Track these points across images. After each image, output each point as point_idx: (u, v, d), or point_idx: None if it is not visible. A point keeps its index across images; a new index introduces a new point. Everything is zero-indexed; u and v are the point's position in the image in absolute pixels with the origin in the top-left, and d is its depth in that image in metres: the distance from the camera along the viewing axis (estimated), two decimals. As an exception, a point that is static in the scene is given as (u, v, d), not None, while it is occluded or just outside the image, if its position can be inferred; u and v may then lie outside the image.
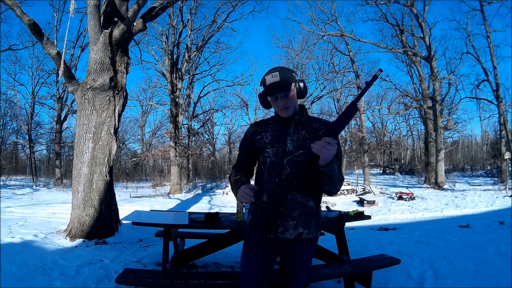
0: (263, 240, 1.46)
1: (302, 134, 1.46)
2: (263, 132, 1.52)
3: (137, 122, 31.34)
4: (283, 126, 1.48)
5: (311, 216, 1.46)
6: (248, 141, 1.56)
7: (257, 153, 1.52)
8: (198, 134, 22.83)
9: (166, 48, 16.03)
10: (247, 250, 1.52)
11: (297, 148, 1.43)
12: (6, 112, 25.01)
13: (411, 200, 11.12)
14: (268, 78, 1.43)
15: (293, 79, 1.47)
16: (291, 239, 1.43)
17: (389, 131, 32.27)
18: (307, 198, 1.43)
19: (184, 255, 3.14)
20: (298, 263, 1.51)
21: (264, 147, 1.48)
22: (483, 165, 26.27)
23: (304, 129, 1.47)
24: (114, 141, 4.78)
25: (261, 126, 1.55)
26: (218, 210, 5.41)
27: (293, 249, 1.48)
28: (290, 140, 1.45)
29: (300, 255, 1.50)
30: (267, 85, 1.43)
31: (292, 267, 1.51)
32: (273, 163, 1.44)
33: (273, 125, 1.52)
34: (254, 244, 1.49)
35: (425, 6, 15.51)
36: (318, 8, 19.12)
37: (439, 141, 15.12)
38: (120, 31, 4.73)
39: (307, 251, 1.52)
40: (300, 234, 1.43)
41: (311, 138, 1.43)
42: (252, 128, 1.57)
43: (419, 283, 2.79)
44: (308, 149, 1.39)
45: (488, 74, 15.54)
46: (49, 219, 6.28)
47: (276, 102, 1.45)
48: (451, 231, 5.08)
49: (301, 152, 1.42)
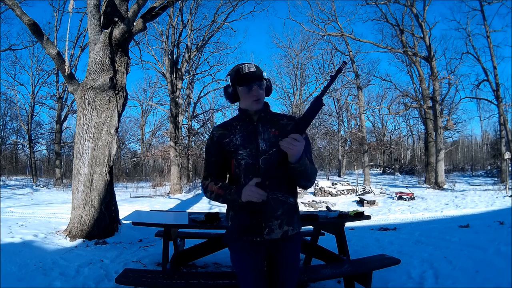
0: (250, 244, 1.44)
1: (272, 132, 1.45)
2: (231, 135, 1.47)
3: (137, 122, 31.39)
4: (251, 125, 1.46)
5: (293, 212, 1.46)
6: (216, 145, 1.49)
7: (228, 156, 1.47)
8: (198, 134, 22.83)
9: (166, 48, 16.03)
10: (239, 254, 1.49)
11: (270, 146, 1.42)
12: (6, 112, 25.03)
13: (411, 200, 11.12)
14: (243, 67, 1.42)
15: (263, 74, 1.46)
16: (278, 239, 1.43)
17: (389, 131, 32.30)
18: (286, 195, 1.43)
19: (184, 255, 3.14)
20: (288, 261, 1.50)
21: (235, 149, 1.44)
22: (483, 165, 26.27)
23: (273, 127, 1.46)
24: (114, 141, 4.78)
25: (226, 129, 1.49)
26: (218, 210, 5.40)
27: (281, 248, 1.47)
28: (262, 139, 1.43)
29: (288, 253, 1.49)
30: (244, 73, 1.41)
31: (283, 266, 1.49)
32: (249, 165, 1.41)
33: (240, 126, 1.48)
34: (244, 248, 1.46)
35: (425, 6, 15.52)
36: (318, 8, 19.13)
37: (439, 141, 15.12)
38: (120, 31, 4.73)
39: (295, 247, 1.52)
40: (286, 232, 1.43)
41: (281, 135, 1.41)
42: (218, 131, 1.50)
43: (419, 283, 2.79)
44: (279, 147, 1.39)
45: (488, 74, 15.55)
46: (49, 219, 6.28)
47: (250, 93, 1.42)
48: (451, 231, 5.08)
49: (274, 150, 1.41)
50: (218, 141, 1.49)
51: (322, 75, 23.05)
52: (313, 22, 18.99)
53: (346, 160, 30.61)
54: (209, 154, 1.52)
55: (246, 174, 1.41)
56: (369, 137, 27.64)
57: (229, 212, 1.50)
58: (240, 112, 1.51)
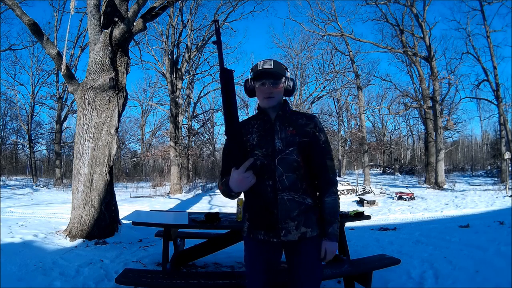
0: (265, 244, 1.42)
1: (289, 131, 1.42)
2: (248, 134, 1.45)
3: (137, 122, 31.40)
4: (268, 124, 1.45)
5: (311, 213, 1.42)
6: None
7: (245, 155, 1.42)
8: (198, 134, 22.84)
9: (166, 48, 16.03)
10: (250, 254, 1.48)
11: (286, 145, 1.39)
12: (6, 112, 25.02)
13: (411, 200, 11.12)
14: (261, 63, 1.42)
15: (285, 74, 1.45)
16: (295, 240, 1.39)
17: (389, 131, 32.31)
18: (304, 196, 1.40)
19: (184, 255, 3.14)
20: (307, 264, 1.44)
21: (251, 149, 1.41)
22: (483, 165, 26.27)
23: (290, 125, 1.43)
24: (114, 141, 4.78)
25: (244, 128, 1.47)
26: (218, 210, 5.41)
27: (300, 250, 1.43)
28: (278, 138, 1.41)
29: (307, 255, 1.43)
30: (258, 70, 1.41)
31: (301, 269, 1.44)
32: (264, 165, 1.39)
33: (258, 125, 1.47)
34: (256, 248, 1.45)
35: (425, 6, 15.52)
36: (318, 8, 19.12)
37: (439, 141, 15.12)
38: (120, 31, 4.73)
39: (314, 249, 1.44)
40: (304, 233, 1.39)
41: (299, 134, 1.41)
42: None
43: (419, 283, 2.79)
44: (297, 146, 1.38)
45: (488, 74, 15.54)
46: (49, 219, 6.28)
47: (261, 88, 1.42)
48: (451, 231, 5.08)
49: (292, 150, 1.39)
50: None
51: (322, 75, 23.04)
52: (313, 22, 19.01)
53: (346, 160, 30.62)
54: (224, 154, 1.48)
55: (261, 175, 1.38)
56: (369, 137, 27.66)
57: (245, 213, 1.48)
58: (258, 109, 1.51)
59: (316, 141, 1.43)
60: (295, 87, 1.50)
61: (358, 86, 19.36)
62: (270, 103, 1.44)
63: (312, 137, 1.43)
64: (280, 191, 1.37)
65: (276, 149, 1.40)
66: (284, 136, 1.41)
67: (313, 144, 1.42)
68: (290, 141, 1.40)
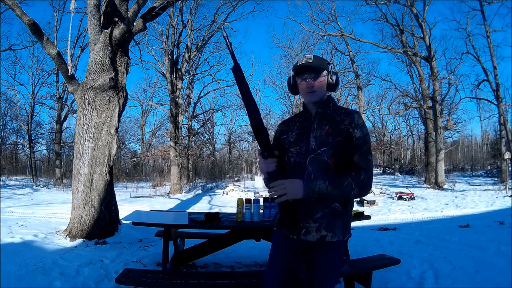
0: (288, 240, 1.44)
1: (325, 129, 1.38)
2: (289, 131, 1.48)
3: (137, 122, 31.38)
4: (308, 122, 1.44)
5: (336, 218, 1.35)
6: (276, 141, 1.52)
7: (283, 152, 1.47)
8: (198, 134, 22.83)
9: (166, 48, 16.03)
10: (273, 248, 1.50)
11: (319, 145, 1.36)
12: (6, 112, 25.03)
13: (411, 200, 11.12)
14: (301, 58, 1.42)
15: (327, 67, 1.42)
16: (314, 242, 1.37)
17: (389, 131, 32.30)
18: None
19: (184, 255, 3.14)
20: (321, 267, 1.40)
21: (288, 147, 1.44)
22: (483, 165, 26.25)
23: (328, 124, 1.39)
24: (114, 141, 4.78)
25: (288, 125, 1.50)
26: (218, 210, 5.41)
27: (318, 252, 1.40)
28: (313, 137, 1.39)
29: (324, 259, 1.39)
30: (298, 65, 1.40)
31: (317, 271, 1.41)
32: (296, 163, 1.39)
33: (299, 122, 1.47)
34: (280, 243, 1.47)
35: (425, 6, 15.51)
36: (318, 8, 19.13)
37: (439, 141, 15.12)
38: (120, 31, 4.73)
39: (333, 255, 1.39)
40: (323, 237, 1.35)
41: (334, 133, 1.36)
42: (280, 128, 1.53)
43: (419, 283, 2.79)
44: (330, 145, 1.34)
45: (488, 74, 15.53)
46: (49, 219, 6.28)
47: (302, 84, 1.41)
48: (451, 231, 5.08)
49: (323, 150, 1.34)
50: (279, 137, 1.50)
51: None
52: (313, 22, 19.01)
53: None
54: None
55: (292, 173, 1.39)
56: (369, 137, 27.60)
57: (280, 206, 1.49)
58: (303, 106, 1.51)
59: (349, 138, 1.34)
60: (339, 81, 1.47)
61: (358, 86, 19.36)
62: (312, 98, 1.41)
63: (345, 135, 1.35)
64: None
65: (310, 148, 1.37)
66: (318, 135, 1.38)
67: (346, 142, 1.34)
68: (323, 140, 1.36)
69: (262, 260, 3.47)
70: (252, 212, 2.81)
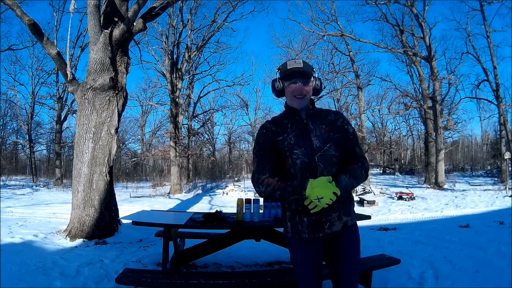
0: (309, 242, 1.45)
1: (323, 128, 1.47)
2: (284, 133, 1.47)
3: (137, 122, 31.37)
4: (301, 124, 1.47)
5: (349, 203, 1.49)
6: (270, 142, 1.48)
7: (282, 155, 1.46)
8: (198, 134, 22.82)
9: (166, 48, 16.03)
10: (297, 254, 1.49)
11: (324, 142, 1.44)
12: (6, 112, 25.06)
13: (411, 200, 11.11)
14: (290, 62, 1.45)
15: (312, 73, 1.48)
16: (339, 231, 1.43)
17: (389, 131, 32.28)
18: None
19: (184, 255, 3.14)
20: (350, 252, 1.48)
21: (290, 148, 1.44)
22: (483, 165, 26.24)
23: (322, 123, 1.48)
24: (114, 141, 4.78)
25: (279, 126, 1.50)
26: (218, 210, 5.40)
27: (342, 239, 1.46)
28: (314, 136, 1.45)
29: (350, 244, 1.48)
30: (288, 69, 1.43)
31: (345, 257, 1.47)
32: (305, 163, 1.42)
33: (291, 124, 1.49)
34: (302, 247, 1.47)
35: (425, 6, 15.51)
36: (318, 8, 19.10)
37: (439, 141, 15.12)
38: (120, 31, 4.73)
39: (355, 237, 1.50)
40: (346, 222, 1.44)
41: (332, 130, 1.47)
42: (272, 128, 1.50)
43: (419, 283, 2.78)
44: (333, 141, 1.44)
45: (488, 74, 15.54)
46: (49, 219, 6.28)
47: (292, 88, 1.44)
48: (451, 231, 5.08)
49: (329, 146, 1.44)
50: (273, 138, 1.48)
51: (322, 75, 23.00)
52: (313, 22, 18.97)
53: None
54: (264, 150, 1.48)
55: (302, 173, 1.41)
56: (369, 137, 27.65)
57: (286, 213, 1.49)
58: (287, 109, 1.52)
59: (346, 134, 1.50)
60: (323, 86, 1.54)
61: (358, 86, 19.35)
62: (303, 103, 1.47)
63: (342, 131, 1.49)
64: None
65: (315, 147, 1.43)
66: (319, 134, 1.46)
67: (344, 137, 1.49)
68: (326, 137, 1.45)
69: (262, 260, 3.48)
70: (252, 212, 2.81)
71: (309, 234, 1.42)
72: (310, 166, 1.41)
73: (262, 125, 1.55)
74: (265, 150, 1.48)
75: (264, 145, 1.48)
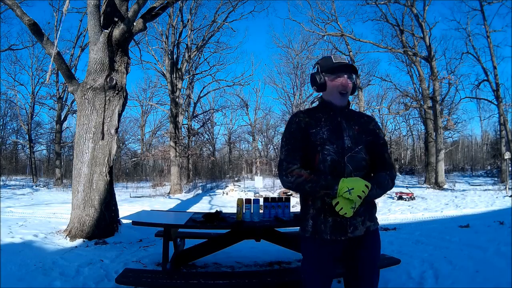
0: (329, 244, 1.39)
1: (355, 129, 1.43)
2: (317, 126, 1.41)
3: (137, 122, 31.38)
4: (336, 121, 1.43)
5: (373, 208, 1.48)
6: (303, 132, 1.40)
7: (312, 148, 1.38)
8: (198, 134, 22.83)
9: (166, 48, 16.03)
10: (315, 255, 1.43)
11: (355, 143, 1.39)
12: (6, 112, 25.08)
13: (411, 200, 11.11)
14: (335, 57, 1.43)
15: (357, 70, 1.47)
16: (361, 235, 1.40)
17: (389, 131, 32.26)
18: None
19: (184, 255, 3.14)
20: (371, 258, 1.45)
21: (322, 143, 1.38)
22: (483, 165, 26.26)
23: (355, 124, 1.45)
24: (114, 141, 4.78)
25: (313, 118, 1.43)
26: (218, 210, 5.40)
27: (364, 244, 1.43)
28: (347, 136, 1.40)
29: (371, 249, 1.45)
30: (335, 62, 1.41)
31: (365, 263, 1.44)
32: (335, 162, 1.36)
33: (325, 119, 1.43)
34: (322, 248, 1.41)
35: (425, 6, 15.51)
36: (318, 8, 19.09)
37: (439, 141, 15.12)
38: (120, 31, 4.73)
39: (377, 243, 1.48)
40: (368, 228, 1.42)
41: (364, 132, 1.44)
42: (306, 119, 1.43)
43: (419, 283, 2.78)
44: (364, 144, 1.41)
45: (488, 74, 15.54)
46: (49, 219, 6.28)
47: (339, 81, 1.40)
48: (451, 231, 5.08)
49: (360, 148, 1.40)
50: (306, 129, 1.41)
51: (322, 75, 22.96)
52: (313, 22, 18.97)
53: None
54: (295, 139, 1.41)
55: (331, 171, 1.36)
56: (369, 137, 27.56)
57: (308, 211, 1.42)
58: (323, 103, 1.48)
59: (377, 138, 1.47)
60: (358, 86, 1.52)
61: (358, 86, 19.34)
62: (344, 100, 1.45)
63: (374, 135, 1.47)
64: None
65: (346, 147, 1.38)
66: (352, 134, 1.41)
67: (374, 141, 1.46)
68: (358, 139, 1.41)
69: (262, 260, 3.47)
70: (252, 212, 2.81)
71: (331, 235, 1.37)
72: (339, 165, 1.36)
73: (294, 113, 1.49)
74: (296, 139, 1.41)
75: (295, 134, 1.41)
